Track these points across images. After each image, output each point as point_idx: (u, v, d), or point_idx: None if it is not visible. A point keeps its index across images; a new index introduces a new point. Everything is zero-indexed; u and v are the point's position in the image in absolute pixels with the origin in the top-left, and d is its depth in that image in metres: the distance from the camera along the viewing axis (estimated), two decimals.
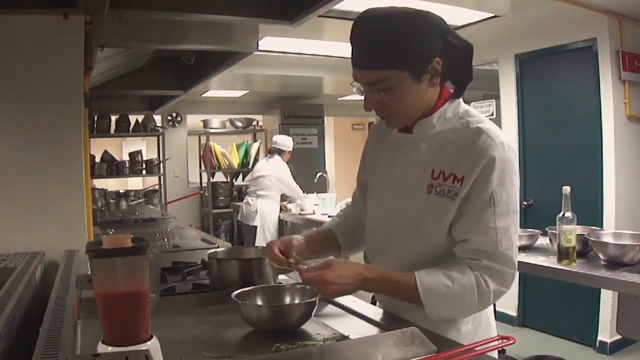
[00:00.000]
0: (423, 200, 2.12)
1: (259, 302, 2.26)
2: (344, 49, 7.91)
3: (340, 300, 2.43)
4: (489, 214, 2.02)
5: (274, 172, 9.30)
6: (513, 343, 1.83)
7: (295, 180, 9.38)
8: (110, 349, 1.53)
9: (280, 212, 9.24)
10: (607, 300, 5.99)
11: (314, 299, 2.13)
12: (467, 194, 2.04)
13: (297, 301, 2.24)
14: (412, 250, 2.18)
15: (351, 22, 2.08)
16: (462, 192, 2.04)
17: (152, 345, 1.58)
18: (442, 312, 2.06)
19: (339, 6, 5.03)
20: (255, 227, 9.24)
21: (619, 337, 5.86)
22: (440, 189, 2.09)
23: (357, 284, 2.05)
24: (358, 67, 2.10)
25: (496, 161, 2.01)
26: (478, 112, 2.22)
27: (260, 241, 8.94)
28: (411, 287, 2.02)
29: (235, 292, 2.20)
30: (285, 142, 9.57)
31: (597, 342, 6.27)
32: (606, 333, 6.16)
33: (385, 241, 2.30)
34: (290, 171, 9.44)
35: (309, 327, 2.14)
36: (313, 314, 2.15)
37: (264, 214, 9.21)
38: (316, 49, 7.95)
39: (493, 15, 6.35)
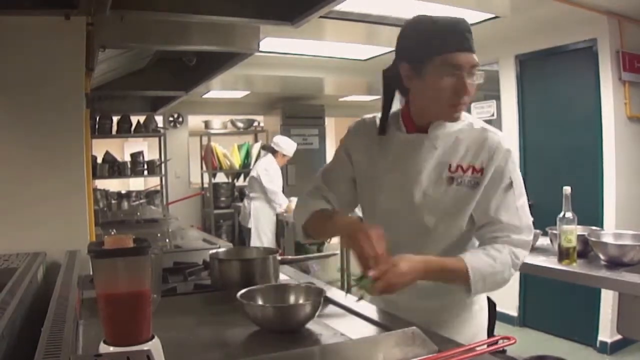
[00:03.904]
0: (446, 192, 2.37)
1: (264, 302, 2.26)
2: (345, 50, 7.95)
3: (342, 300, 2.45)
4: (511, 196, 2.37)
5: (260, 171, 9.15)
6: (514, 343, 1.84)
7: (286, 182, 9.32)
8: (112, 349, 1.54)
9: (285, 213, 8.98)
10: (608, 300, 5.99)
11: (319, 299, 2.14)
12: (488, 183, 2.36)
13: (301, 301, 2.25)
14: (433, 243, 2.42)
15: (352, 23, 2.20)
16: (484, 181, 2.35)
17: (154, 346, 1.58)
18: (483, 289, 2.34)
19: (340, 7, 5.03)
20: (250, 228, 9.19)
21: (619, 337, 5.87)
22: (461, 180, 2.36)
23: (416, 278, 2.19)
24: (470, 50, 2.28)
25: (510, 152, 2.39)
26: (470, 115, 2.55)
27: (255, 244, 8.83)
28: (461, 271, 2.24)
29: (240, 292, 2.21)
30: (280, 142, 9.33)
31: (598, 342, 6.29)
32: (607, 333, 6.18)
33: (404, 240, 2.39)
34: (285, 172, 9.36)
35: (311, 327, 2.15)
36: (317, 313, 2.16)
37: (257, 216, 9.10)
38: (317, 50, 7.96)
39: (493, 16, 6.35)
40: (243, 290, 2.24)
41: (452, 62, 2.22)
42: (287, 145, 9.29)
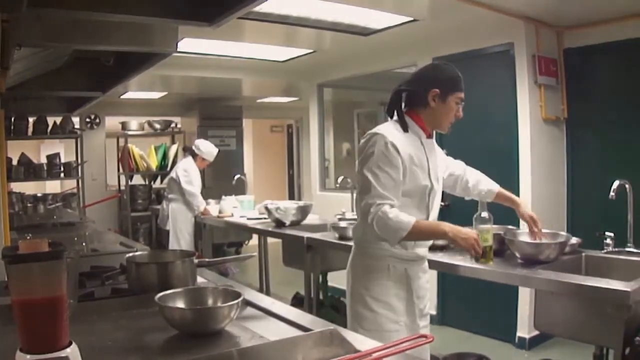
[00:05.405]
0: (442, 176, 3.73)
1: (182, 305, 2.26)
2: (264, 51, 7.92)
3: (260, 302, 2.47)
4: None
5: (179, 173, 8.92)
6: (432, 341, 1.87)
7: (203, 184, 9.19)
8: (28, 357, 1.51)
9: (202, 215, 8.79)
10: (525, 297, 6.12)
11: (237, 301, 2.14)
12: None
13: (219, 303, 2.25)
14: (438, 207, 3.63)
15: (271, 25, 2.27)
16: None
17: (72, 352, 1.56)
18: None
19: (259, 8, 5.02)
20: (168, 231, 9.05)
21: (537, 332, 6.00)
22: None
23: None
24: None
25: None
26: None
27: (174, 246, 8.65)
28: None
29: (158, 296, 2.20)
30: (201, 146, 9.08)
31: (517, 338, 6.43)
32: (525, 329, 6.32)
33: (436, 208, 3.62)
34: (202, 174, 9.22)
35: (229, 329, 2.15)
36: (235, 316, 2.16)
37: (175, 218, 8.91)
38: (236, 51, 7.93)
39: (411, 19, 6.41)
40: (161, 294, 2.23)
41: (460, 97, 3.46)
42: (208, 150, 9.07)
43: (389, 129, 3.38)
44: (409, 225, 3.19)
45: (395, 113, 3.50)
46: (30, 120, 9.71)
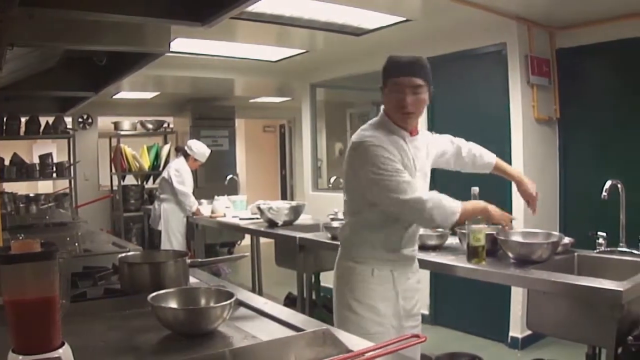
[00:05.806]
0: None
1: (174, 305, 2.25)
2: (256, 51, 7.91)
3: (252, 302, 2.47)
4: None
5: (171, 172, 8.90)
6: (424, 341, 1.87)
7: (196, 184, 9.24)
8: (21, 357, 1.51)
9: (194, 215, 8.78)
10: (518, 297, 6.14)
11: (230, 301, 2.14)
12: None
13: (212, 303, 2.24)
14: None
15: (263, 25, 2.27)
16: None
17: (64, 353, 1.56)
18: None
19: (251, 8, 5.01)
20: (160, 231, 9.02)
21: (529, 332, 6.01)
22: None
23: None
24: (410, 75, 3.29)
25: None
26: None
27: (166, 246, 8.62)
28: None
29: (150, 296, 2.19)
30: (193, 147, 9.07)
31: (509, 338, 6.45)
32: (517, 329, 6.34)
33: None
34: (195, 174, 9.20)
35: (222, 329, 2.15)
36: (228, 316, 2.15)
37: (167, 218, 8.90)
38: (228, 51, 7.93)
39: (404, 19, 6.41)
40: (153, 294, 2.22)
41: (396, 83, 3.27)
42: (200, 151, 9.06)
43: (371, 135, 3.34)
44: (458, 207, 3.27)
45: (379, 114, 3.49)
46: (23, 120, 9.68)
